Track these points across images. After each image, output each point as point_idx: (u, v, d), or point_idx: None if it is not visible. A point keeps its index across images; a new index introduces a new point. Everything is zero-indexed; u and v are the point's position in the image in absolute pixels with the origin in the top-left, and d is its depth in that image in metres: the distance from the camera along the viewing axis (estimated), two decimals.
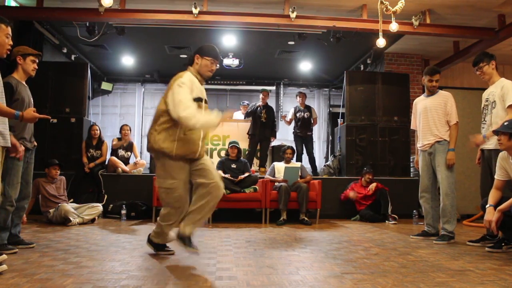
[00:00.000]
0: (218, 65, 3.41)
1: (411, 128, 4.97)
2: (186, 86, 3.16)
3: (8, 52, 3.06)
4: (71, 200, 5.95)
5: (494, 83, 4.18)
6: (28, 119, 3.04)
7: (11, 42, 3.03)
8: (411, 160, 7.58)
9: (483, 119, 4.25)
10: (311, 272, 2.87)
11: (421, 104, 4.73)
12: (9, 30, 3.00)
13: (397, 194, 6.67)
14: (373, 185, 6.46)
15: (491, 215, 3.52)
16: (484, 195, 4.07)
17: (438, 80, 4.61)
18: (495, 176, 3.75)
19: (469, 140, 4.28)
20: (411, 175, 7.48)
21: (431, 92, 4.64)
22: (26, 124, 3.59)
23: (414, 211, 6.09)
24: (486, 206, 3.62)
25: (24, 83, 3.65)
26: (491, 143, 4.05)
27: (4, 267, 2.73)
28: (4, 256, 2.97)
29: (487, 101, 4.20)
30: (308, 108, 8.19)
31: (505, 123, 3.57)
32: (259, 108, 7.65)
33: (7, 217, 3.40)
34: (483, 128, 4.21)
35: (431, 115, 4.57)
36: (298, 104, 8.23)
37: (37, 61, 3.71)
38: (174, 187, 3.24)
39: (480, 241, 4.15)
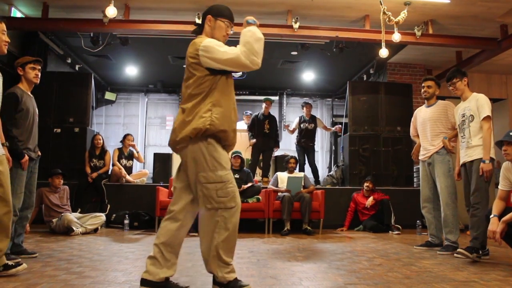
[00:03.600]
0: (233, 30, 2.69)
1: (411, 135, 5.01)
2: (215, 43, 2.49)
3: (6, 48, 3.03)
4: (79, 210, 5.96)
5: (467, 98, 4.26)
6: None
7: (7, 39, 3.01)
8: (414, 170, 7.57)
9: (462, 134, 4.26)
10: (314, 283, 2.85)
11: (420, 114, 4.76)
12: (4, 26, 3.00)
13: (400, 204, 6.64)
14: (369, 200, 6.42)
15: (495, 225, 3.49)
16: (468, 205, 4.13)
17: (430, 86, 4.65)
18: (499, 187, 3.75)
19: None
20: (415, 185, 7.45)
21: (429, 102, 4.68)
22: (31, 134, 3.61)
23: (418, 221, 6.05)
24: (490, 217, 3.60)
25: (29, 93, 3.67)
26: (471, 156, 4.09)
27: (24, 266, 3.02)
28: (24, 265, 3.04)
29: (463, 116, 4.23)
30: (313, 119, 8.11)
31: (510, 133, 3.58)
32: (261, 116, 7.62)
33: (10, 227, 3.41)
34: (463, 142, 4.22)
35: (430, 125, 4.59)
36: (303, 114, 8.17)
37: (37, 67, 3.67)
38: None
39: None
